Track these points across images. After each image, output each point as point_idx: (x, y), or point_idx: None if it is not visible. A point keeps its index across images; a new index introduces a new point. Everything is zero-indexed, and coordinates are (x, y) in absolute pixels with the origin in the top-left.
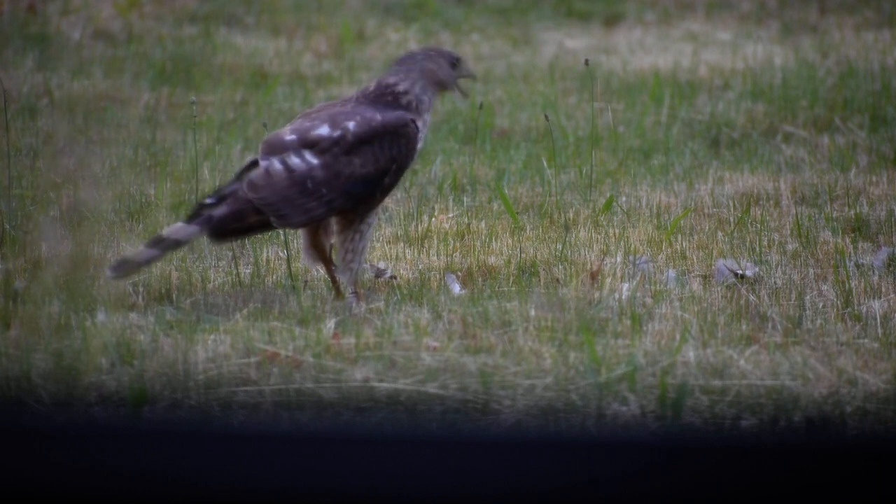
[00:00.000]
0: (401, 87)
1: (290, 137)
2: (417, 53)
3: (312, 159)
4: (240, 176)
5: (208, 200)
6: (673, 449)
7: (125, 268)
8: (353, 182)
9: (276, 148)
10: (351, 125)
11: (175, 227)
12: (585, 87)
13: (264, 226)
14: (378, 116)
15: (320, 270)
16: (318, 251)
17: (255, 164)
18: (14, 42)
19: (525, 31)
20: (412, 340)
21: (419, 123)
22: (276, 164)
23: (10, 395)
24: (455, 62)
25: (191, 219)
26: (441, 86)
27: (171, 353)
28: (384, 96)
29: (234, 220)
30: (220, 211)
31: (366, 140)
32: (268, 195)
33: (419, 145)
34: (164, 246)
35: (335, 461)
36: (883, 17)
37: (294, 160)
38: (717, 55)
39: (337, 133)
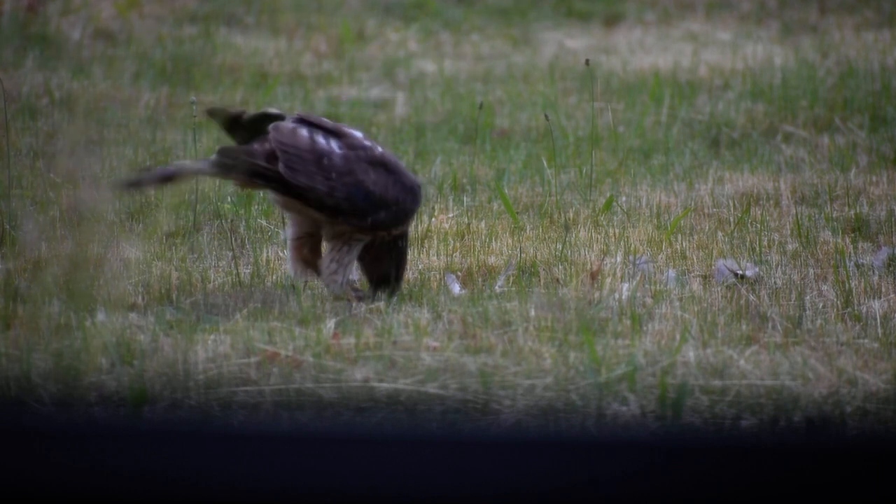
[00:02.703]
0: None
1: (326, 120)
2: None
3: (336, 147)
4: (256, 124)
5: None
6: (673, 449)
7: (133, 179)
8: (358, 187)
9: (310, 119)
10: (380, 148)
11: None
12: (585, 87)
13: (270, 174)
14: (402, 164)
15: (311, 279)
16: (307, 264)
17: (278, 117)
18: (14, 42)
19: (525, 31)
20: (412, 340)
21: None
22: (303, 131)
23: (10, 395)
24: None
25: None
26: None
27: (171, 353)
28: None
29: (247, 154)
30: (236, 146)
31: (388, 168)
32: (289, 144)
33: (410, 228)
34: (177, 167)
35: (335, 461)
36: (883, 17)
37: (320, 138)
38: (717, 55)
39: (368, 143)
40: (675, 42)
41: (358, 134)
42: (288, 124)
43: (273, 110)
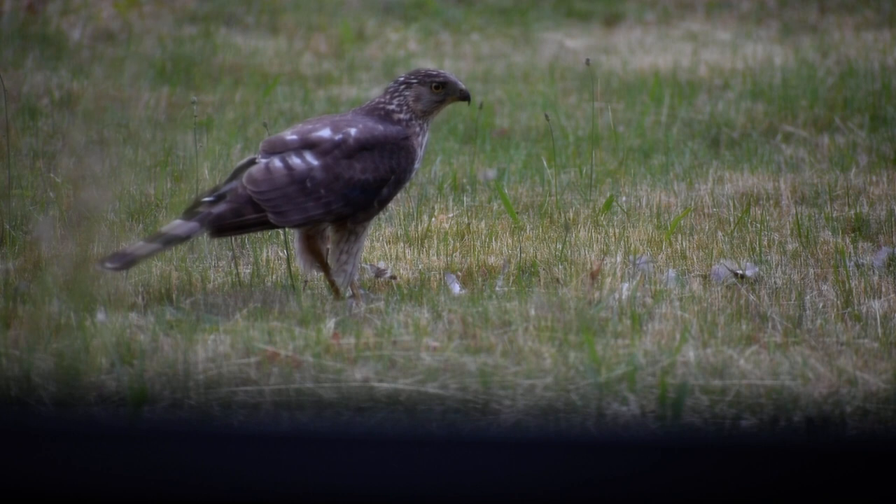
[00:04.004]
0: (390, 107)
1: (291, 138)
2: (399, 80)
3: (313, 160)
4: (236, 174)
5: (206, 198)
6: (673, 449)
7: (123, 260)
8: (351, 187)
9: (277, 147)
10: (353, 131)
11: (174, 224)
12: (585, 87)
13: (263, 223)
14: (380, 126)
15: (317, 274)
16: (315, 255)
17: (251, 163)
18: (14, 42)
19: (525, 31)
20: (412, 340)
21: (415, 142)
22: (277, 162)
23: (11, 395)
24: (439, 86)
25: (189, 216)
26: (426, 113)
27: (171, 353)
28: (376, 111)
29: (233, 215)
30: (220, 208)
31: (367, 147)
32: (267, 190)
33: (417, 165)
34: (164, 240)
35: (335, 461)
36: (883, 17)
37: (294, 159)
38: (717, 55)
39: (339, 136)
40: (675, 42)
41: (325, 133)
42: (260, 166)
43: (242, 161)
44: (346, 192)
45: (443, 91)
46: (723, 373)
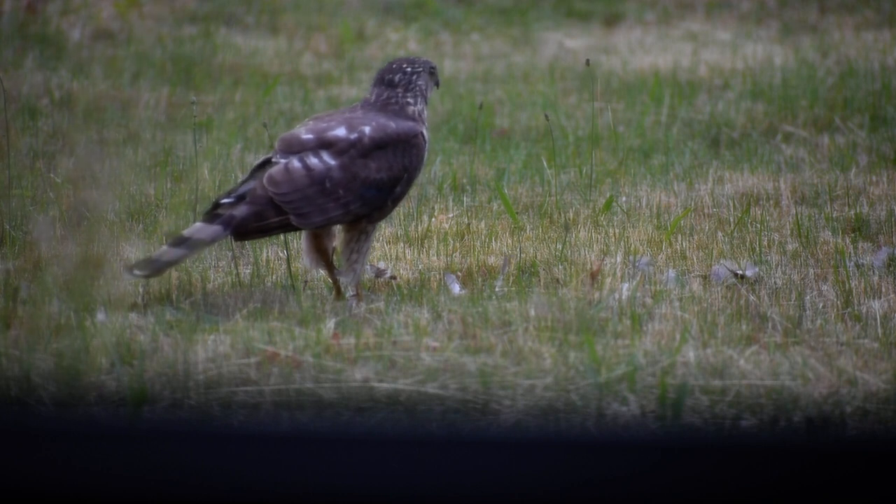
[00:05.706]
0: (405, 99)
1: (307, 136)
2: (406, 70)
3: (330, 160)
4: (253, 174)
5: (225, 200)
6: (673, 449)
7: (152, 267)
8: (367, 186)
9: (294, 146)
10: (367, 129)
11: (196, 227)
12: (585, 87)
13: (285, 226)
14: (392, 124)
15: (321, 272)
16: (322, 254)
17: (266, 163)
18: (14, 42)
19: (525, 31)
20: (412, 340)
21: (426, 134)
22: (295, 163)
23: (11, 395)
24: (432, 71)
25: (210, 219)
26: (426, 99)
27: (171, 353)
28: (390, 105)
29: (256, 219)
30: (241, 210)
31: (381, 146)
32: (288, 192)
33: (425, 160)
34: (191, 245)
35: (335, 461)
36: (883, 16)
37: (312, 160)
38: (717, 55)
39: (354, 136)
40: (675, 42)
41: (341, 132)
42: (279, 167)
43: (258, 161)
44: (363, 192)
45: (434, 77)
46: (723, 373)
